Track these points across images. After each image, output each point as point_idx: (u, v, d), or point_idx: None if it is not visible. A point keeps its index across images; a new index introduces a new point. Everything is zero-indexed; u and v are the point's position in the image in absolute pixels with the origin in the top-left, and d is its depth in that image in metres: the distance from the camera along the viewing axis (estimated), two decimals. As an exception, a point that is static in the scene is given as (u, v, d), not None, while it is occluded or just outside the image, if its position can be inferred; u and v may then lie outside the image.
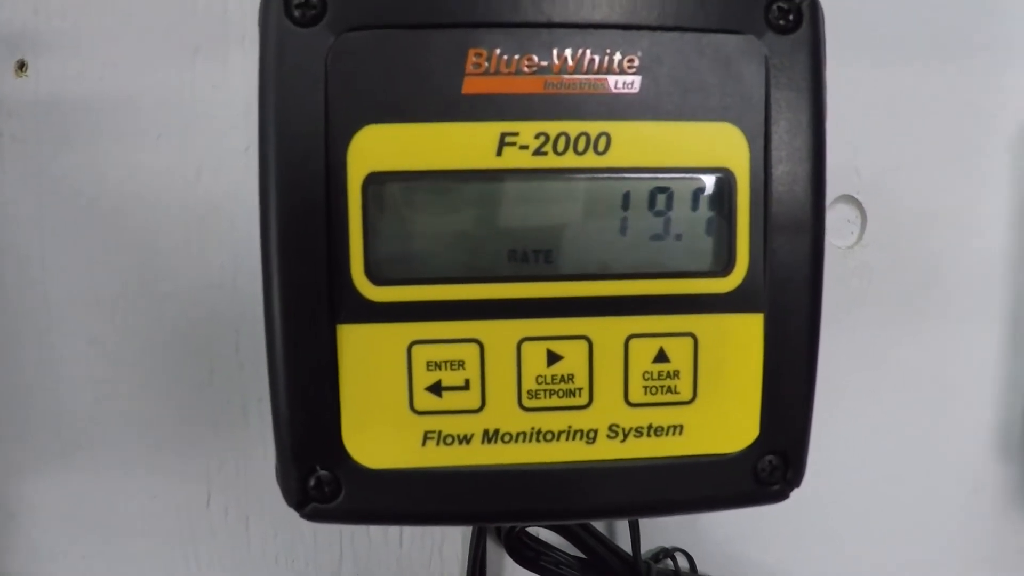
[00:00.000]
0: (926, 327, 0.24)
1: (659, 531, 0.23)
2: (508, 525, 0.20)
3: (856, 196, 0.23)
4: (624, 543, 0.22)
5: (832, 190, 0.22)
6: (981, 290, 0.24)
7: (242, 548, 0.23)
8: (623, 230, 0.14)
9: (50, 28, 0.22)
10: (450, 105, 0.14)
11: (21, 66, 0.22)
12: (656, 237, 0.14)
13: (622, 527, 0.22)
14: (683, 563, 0.23)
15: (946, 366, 0.24)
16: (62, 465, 0.23)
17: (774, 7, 0.14)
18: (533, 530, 0.22)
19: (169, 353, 0.22)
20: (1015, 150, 0.24)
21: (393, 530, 0.22)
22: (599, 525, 0.22)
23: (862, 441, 0.24)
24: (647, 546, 0.23)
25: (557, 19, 0.14)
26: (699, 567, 0.23)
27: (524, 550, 0.21)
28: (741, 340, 0.14)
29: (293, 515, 0.22)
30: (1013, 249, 0.24)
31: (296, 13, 0.14)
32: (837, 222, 0.23)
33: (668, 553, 0.22)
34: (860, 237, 0.23)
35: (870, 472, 0.24)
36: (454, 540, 0.22)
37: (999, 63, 0.23)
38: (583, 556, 0.21)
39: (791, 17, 0.14)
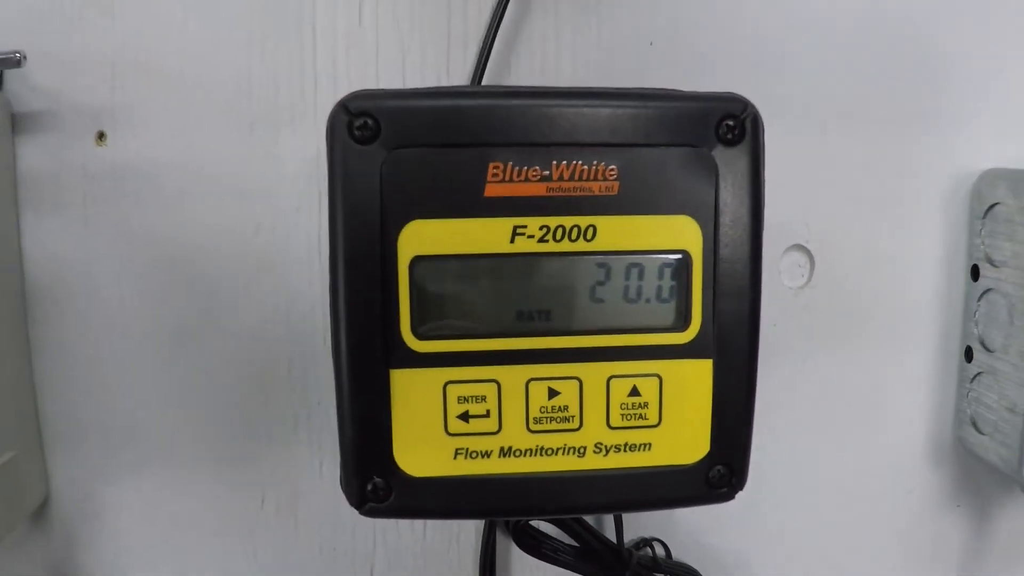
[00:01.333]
0: (866, 354, 0.29)
1: (639, 524, 0.28)
2: (516, 519, 0.25)
3: (806, 245, 0.28)
4: (610, 533, 0.27)
5: (786, 240, 0.28)
6: (913, 323, 0.29)
7: (291, 540, 0.28)
8: (604, 296, 0.19)
9: (125, 104, 0.27)
10: (475, 205, 0.19)
11: (101, 136, 0.27)
12: (630, 301, 0.19)
13: (608, 521, 0.28)
14: (660, 551, 0.28)
15: (883, 387, 0.29)
16: (139, 473, 0.28)
17: (723, 124, 0.19)
18: (535, 523, 0.27)
19: (231, 379, 0.27)
20: (943, 205, 0.29)
21: (418, 523, 0.27)
22: (590, 519, 0.28)
23: (812, 450, 0.29)
24: (629, 536, 0.28)
25: (555, 140, 0.19)
26: (673, 554, 0.28)
27: (528, 540, 0.26)
28: (695, 379, 0.20)
29: (334, 512, 0.28)
30: (940, 288, 0.29)
31: (357, 133, 0.19)
32: (790, 267, 0.28)
33: (647, 542, 0.28)
34: (809, 279, 0.28)
35: (818, 476, 0.30)
36: (469, 531, 0.27)
37: (930, 130, 0.28)
38: (576, 545, 0.26)
39: (736, 132, 0.19)
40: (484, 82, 0.26)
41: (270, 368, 0.27)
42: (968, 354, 0.29)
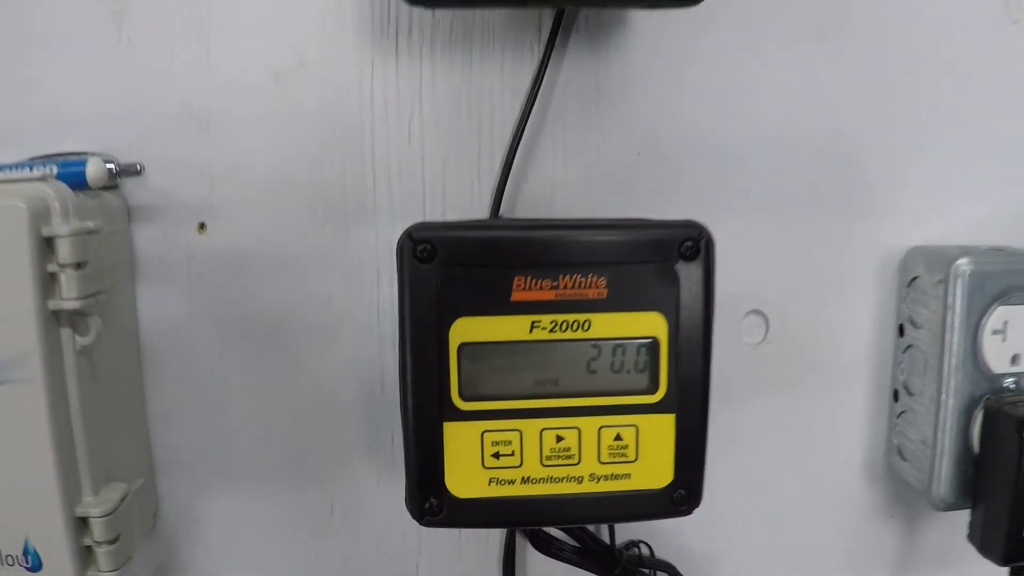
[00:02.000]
0: (813, 396, 0.38)
1: (628, 529, 0.38)
2: (507, 526, 0.35)
3: (762, 310, 0.37)
4: (605, 537, 0.37)
5: (746, 306, 0.37)
6: (851, 371, 0.38)
7: (353, 542, 0.38)
8: (597, 369, 0.29)
9: (221, 201, 0.36)
10: (504, 306, 0.28)
11: (202, 226, 0.37)
12: (615, 372, 0.29)
13: (604, 526, 0.37)
14: (645, 551, 0.38)
15: (828, 422, 0.39)
16: (230, 492, 0.37)
17: (683, 245, 0.29)
18: (547, 529, 0.37)
19: (308, 418, 0.36)
20: (877, 276, 0.38)
21: (456, 530, 0.37)
22: (589, 526, 0.37)
23: (770, 472, 0.39)
24: (620, 539, 0.38)
25: (561, 261, 0.28)
26: (656, 553, 0.38)
27: (540, 541, 0.36)
28: (662, 428, 0.29)
29: (388, 520, 0.37)
30: (874, 343, 0.38)
31: (419, 255, 0.28)
32: (749, 327, 0.37)
33: (634, 544, 0.37)
34: (765, 337, 0.38)
35: (775, 493, 0.39)
36: (494, 535, 0.37)
37: (863, 217, 0.37)
38: (578, 545, 0.36)
39: (693, 250, 0.29)
40: (508, 186, 0.35)
41: (339, 410, 0.36)
42: (895, 396, 0.39)
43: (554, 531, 0.37)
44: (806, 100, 0.36)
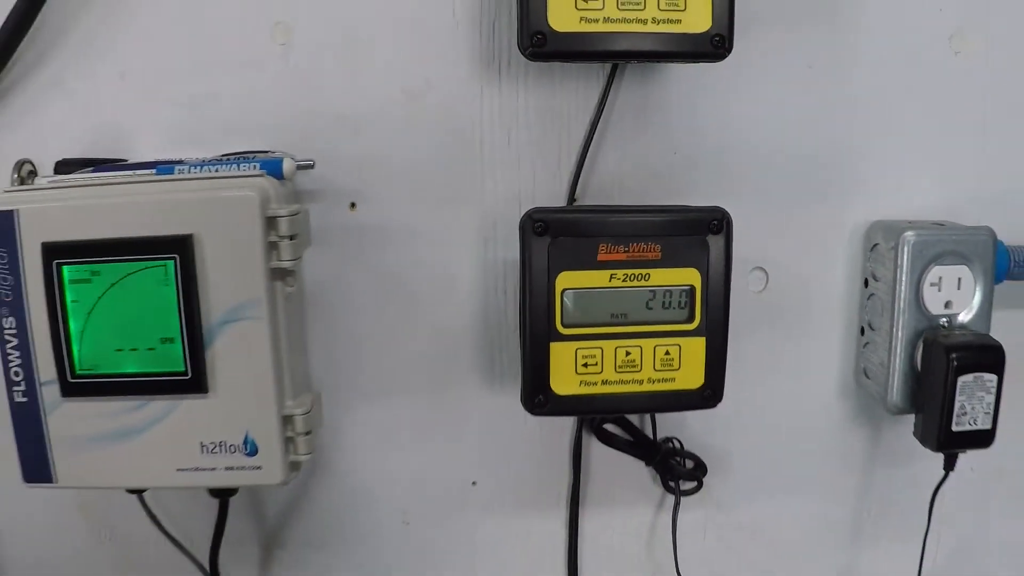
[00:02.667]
0: (802, 331, 0.55)
1: (665, 428, 0.54)
2: (600, 418, 0.52)
3: (764, 267, 0.54)
4: (649, 433, 0.54)
5: (752, 263, 0.53)
6: (832, 313, 0.55)
7: (461, 442, 0.54)
8: (653, 307, 0.45)
9: (368, 187, 0.51)
10: (592, 264, 0.44)
11: (352, 205, 0.52)
12: (666, 308, 0.45)
13: (647, 425, 0.54)
14: (677, 445, 0.55)
15: (813, 350, 0.55)
16: (367, 403, 0.53)
17: (712, 223, 0.45)
18: (607, 425, 0.53)
19: (432, 348, 0.52)
20: (849, 242, 0.54)
21: (536, 424, 0.53)
22: (636, 423, 0.54)
23: (767, 388, 0.55)
24: (659, 435, 0.54)
25: (630, 233, 0.44)
26: (684, 447, 0.55)
27: (602, 434, 0.52)
28: (696, 347, 0.45)
29: (500, 415, 0.53)
30: (847, 292, 0.55)
31: (536, 229, 0.44)
32: (754, 279, 0.54)
33: (670, 439, 0.54)
34: (765, 287, 0.54)
35: (773, 404, 0.56)
36: (564, 430, 0.54)
37: (840, 198, 0.54)
38: (630, 438, 0.53)
39: (718, 226, 0.45)
40: (580, 178, 0.51)
41: (455, 340, 0.52)
42: (862, 331, 0.55)
43: (612, 427, 0.53)
44: (798, 116, 0.52)
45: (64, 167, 0.51)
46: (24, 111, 0.52)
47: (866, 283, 0.55)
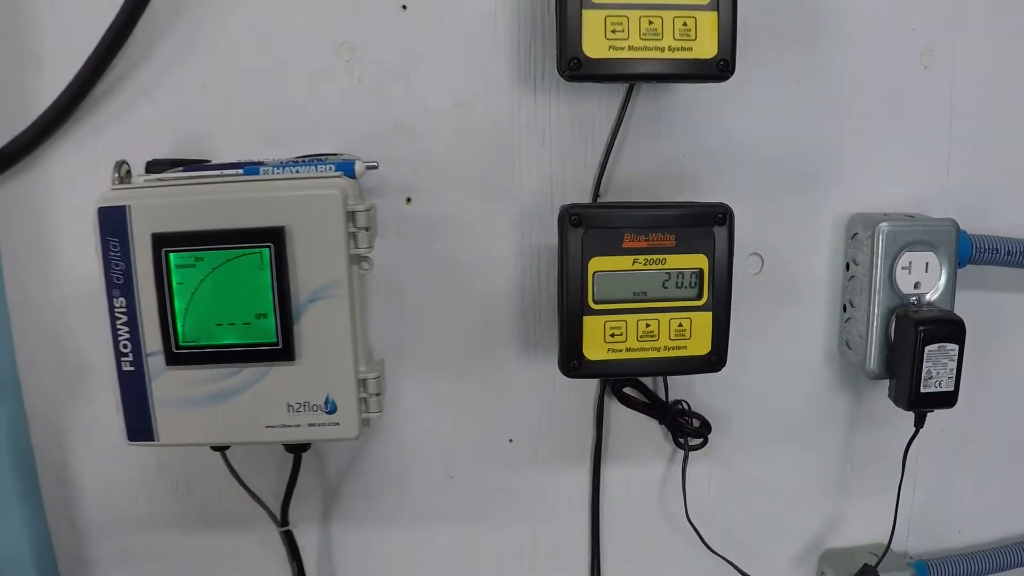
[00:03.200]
0: (792, 308, 0.67)
1: (674, 392, 0.66)
2: (620, 382, 0.63)
3: (759, 252, 0.65)
4: (662, 395, 0.65)
5: (748, 249, 0.65)
6: (817, 292, 0.67)
7: (500, 403, 0.65)
8: (668, 286, 0.56)
9: (422, 184, 0.62)
10: (618, 250, 0.55)
11: (408, 200, 0.63)
12: (679, 288, 0.56)
13: (660, 389, 0.65)
14: (685, 406, 0.66)
15: (802, 324, 0.67)
16: (422, 370, 0.64)
17: (717, 216, 0.56)
18: (626, 389, 0.65)
19: (476, 322, 0.63)
20: (833, 231, 0.66)
21: (564, 386, 0.64)
22: (650, 386, 0.65)
23: (764, 356, 0.67)
24: (670, 399, 0.66)
25: (650, 225, 0.55)
26: (692, 407, 0.66)
27: (622, 396, 0.64)
28: (705, 320, 0.57)
29: (537, 378, 0.65)
30: (831, 274, 0.66)
31: (572, 222, 0.55)
32: (750, 263, 0.65)
33: (679, 401, 0.66)
34: (761, 270, 0.65)
35: (768, 370, 0.67)
36: (588, 393, 0.65)
37: (824, 193, 0.65)
38: (646, 400, 0.64)
39: (723, 219, 0.56)
40: (603, 177, 0.62)
41: (496, 316, 0.64)
42: (844, 308, 0.67)
43: (630, 390, 0.65)
44: (787, 123, 0.64)
45: (154, 166, 0.62)
46: (114, 116, 0.62)
47: (847, 267, 0.66)
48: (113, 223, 0.55)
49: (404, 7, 0.60)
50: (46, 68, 0.61)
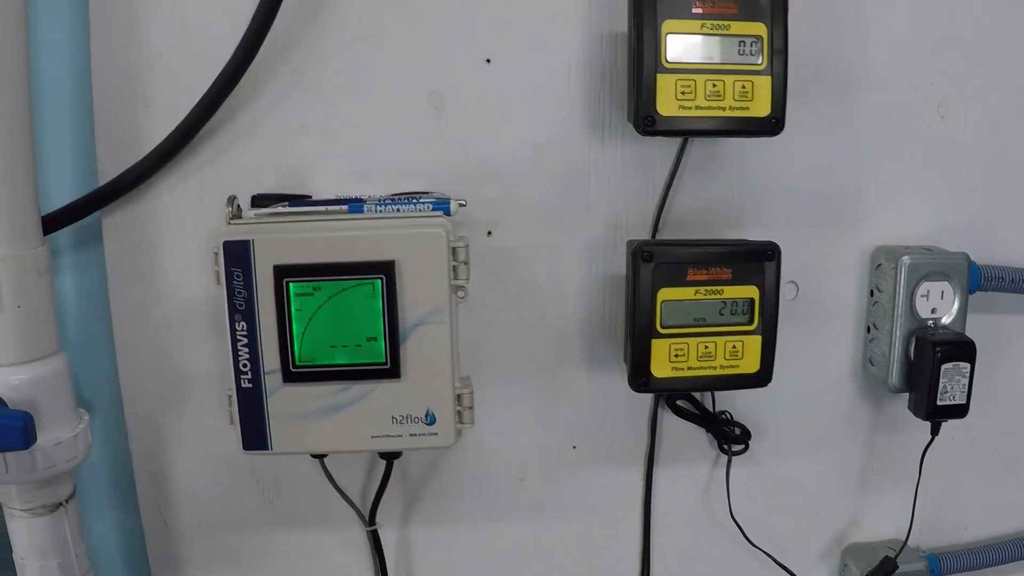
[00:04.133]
0: (823, 329, 0.80)
1: (720, 403, 0.79)
2: (675, 395, 0.76)
3: (795, 280, 0.78)
4: (709, 407, 0.78)
5: (785, 277, 0.79)
6: (845, 316, 0.80)
7: (573, 412, 0.78)
8: (724, 313, 0.69)
9: (501, 218, 0.74)
10: (683, 282, 0.68)
11: (488, 233, 0.75)
12: (733, 315, 0.70)
13: (708, 402, 0.79)
14: (728, 416, 0.80)
15: (830, 344, 0.81)
16: (498, 382, 0.77)
17: (766, 252, 0.69)
18: (678, 401, 0.78)
19: (549, 342, 0.76)
20: (859, 262, 0.79)
21: (624, 399, 0.77)
22: (700, 400, 0.79)
23: (797, 371, 0.80)
24: (716, 409, 0.79)
25: (709, 261, 0.68)
26: (734, 417, 0.80)
27: (675, 407, 0.77)
28: (755, 343, 0.70)
29: (594, 400, 0.79)
30: (857, 299, 0.80)
31: (643, 257, 0.68)
32: (787, 290, 0.79)
33: (723, 412, 0.79)
34: (797, 295, 0.79)
35: (801, 383, 0.81)
36: (643, 404, 0.78)
37: (851, 229, 0.79)
38: (696, 412, 0.77)
39: (771, 255, 0.69)
40: (662, 214, 0.75)
41: (568, 336, 0.76)
42: (868, 329, 0.81)
43: (682, 402, 0.78)
44: (821, 165, 0.78)
45: (260, 200, 0.73)
46: (218, 152, 0.73)
47: (871, 293, 0.80)
48: (237, 255, 0.66)
49: (488, 60, 0.73)
50: (155, 107, 0.72)
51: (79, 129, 0.73)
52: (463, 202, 0.71)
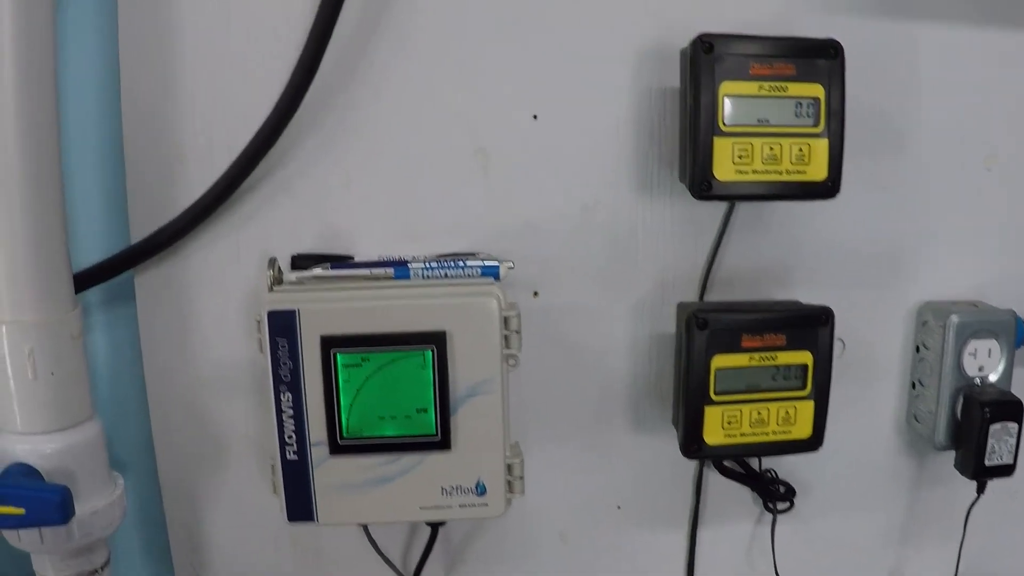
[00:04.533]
0: (873, 385, 0.81)
1: (765, 461, 0.79)
2: (730, 459, 0.76)
3: (842, 337, 0.78)
4: (755, 466, 0.79)
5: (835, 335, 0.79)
6: (891, 371, 0.81)
7: (614, 471, 0.78)
8: (777, 379, 0.70)
9: (547, 278, 0.74)
10: (738, 348, 0.68)
11: (535, 294, 0.74)
12: (786, 380, 0.70)
13: (753, 461, 0.79)
14: (774, 475, 0.80)
15: (876, 399, 0.82)
16: (543, 441, 0.77)
17: (821, 317, 0.70)
18: (726, 462, 0.78)
19: (593, 398, 0.76)
20: (905, 320, 0.80)
21: (668, 460, 0.77)
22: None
23: (844, 426, 0.80)
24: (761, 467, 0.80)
25: (763, 327, 0.68)
26: (779, 475, 0.80)
27: (721, 467, 0.77)
28: (807, 408, 0.71)
29: (642, 457, 0.78)
30: (904, 355, 0.80)
31: (698, 324, 0.67)
32: (836, 347, 0.79)
33: (768, 470, 0.79)
34: (843, 352, 0.79)
35: (845, 438, 0.81)
36: (688, 465, 0.79)
37: (898, 286, 0.79)
38: (742, 471, 0.77)
39: (825, 320, 0.70)
40: (709, 274, 0.74)
41: (612, 394, 0.76)
42: (913, 385, 0.81)
43: (728, 462, 0.78)
44: (869, 223, 0.78)
45: (300, 261, 0.72)
46: (256, 210, 0.72)
47: (917, 349, 0.81)
48: (282, 325, 0.65)
49: (535, 117, 0.72)
50: (188, 162, 0.71)
51: (110, 184, 0.72)
52: (511, 264, 0.70)
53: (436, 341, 0.66)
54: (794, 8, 0.74)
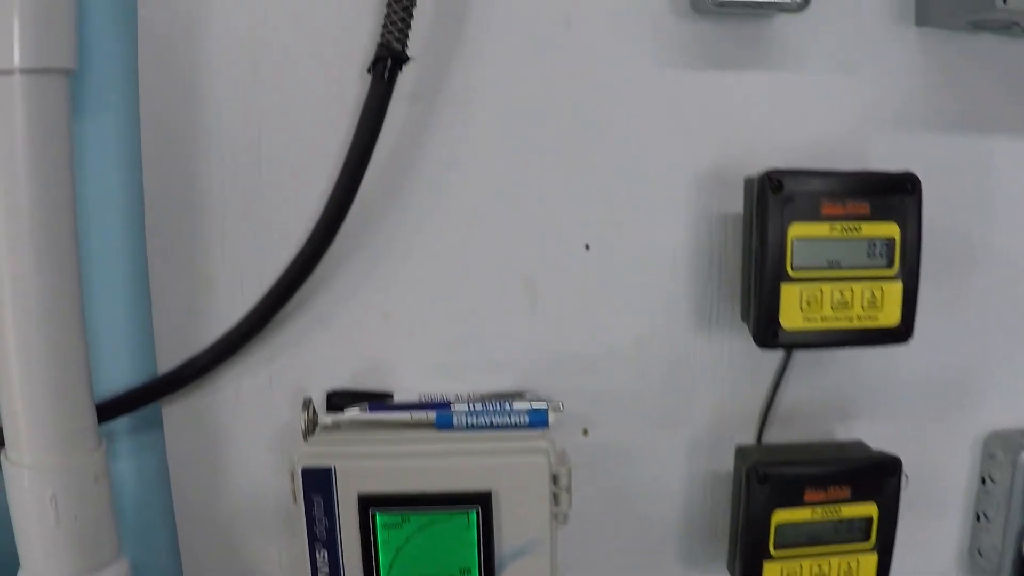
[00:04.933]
0: (930, 516, 0.77)
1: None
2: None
3: (906, 473, 0.75)
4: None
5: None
6: (957, 502, 0.77)
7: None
8: (840, 530, 0.66)
9: (596, 414, 0.70)
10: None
11: (584, 432, 0.71)
12: (850, 533, 0.66)
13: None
14: None
15: (938, 531, 0.78)
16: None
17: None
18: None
19: (653, 547, 0.72)
20: (971, 450, 0.76)
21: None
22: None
23: (901, 561, 0.76)
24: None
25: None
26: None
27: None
28: (870, 562, 0.67)
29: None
30: (970, 485, 0.77)
31: (758, 478, 0.64)
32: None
33: None
34: (906, 486, 0.75)
35: (904, 571, 0.78)
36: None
37: (965, 414, 0.75)
38: None
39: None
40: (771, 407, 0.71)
41: (667, 533, 0.72)
42: (977, 517, 0.78)
43: None
44: (934, 350, 0.73)
45: (336, 398, 0.69)
46: (289, 343, 0.69)
47: (983, 481, 0.77)
48: (317, 482, 0.62)
49: (587, 247, 0.68)
50: (217, 289, 0.67)
51: (135, 309, 0.69)
52: (560, 407, 0.67)
53: (482, 502, 0.62)
54: (865, 126, 0.70)
